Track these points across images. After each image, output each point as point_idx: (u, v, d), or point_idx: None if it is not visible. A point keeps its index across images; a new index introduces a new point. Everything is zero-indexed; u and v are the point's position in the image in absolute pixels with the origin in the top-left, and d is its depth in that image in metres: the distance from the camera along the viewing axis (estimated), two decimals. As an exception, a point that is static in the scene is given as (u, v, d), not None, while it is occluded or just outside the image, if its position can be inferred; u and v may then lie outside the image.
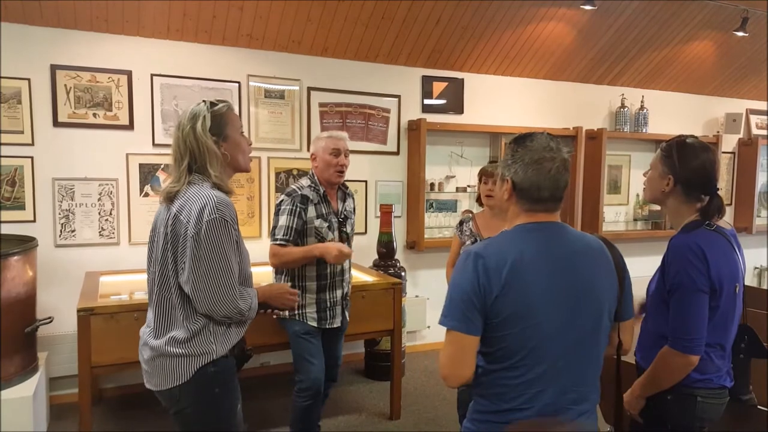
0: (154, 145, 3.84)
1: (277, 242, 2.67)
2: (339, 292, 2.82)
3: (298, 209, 2.69)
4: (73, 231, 3.66)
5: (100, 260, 3.71)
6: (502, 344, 1.38)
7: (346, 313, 2.92)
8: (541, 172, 1.40)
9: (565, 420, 1.40)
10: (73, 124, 3.63)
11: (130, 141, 3.78)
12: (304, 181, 2.80)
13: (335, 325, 2.83)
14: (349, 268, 2.93)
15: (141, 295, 3.16)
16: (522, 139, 1.46)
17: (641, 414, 1.86)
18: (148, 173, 3.84)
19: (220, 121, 1.78)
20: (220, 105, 1.81)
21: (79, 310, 2.66)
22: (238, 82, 4.04)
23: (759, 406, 1.96)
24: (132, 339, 2.70)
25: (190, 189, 1.74)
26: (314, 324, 2.76)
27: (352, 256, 2.83)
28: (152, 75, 3.81)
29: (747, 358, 1.90)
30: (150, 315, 1.84)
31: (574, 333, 1.40)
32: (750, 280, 6.35)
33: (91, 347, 2.66)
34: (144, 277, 3.61)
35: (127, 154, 3.78)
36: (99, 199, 3.72)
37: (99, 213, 3.73)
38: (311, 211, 2.72)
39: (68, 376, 3.50)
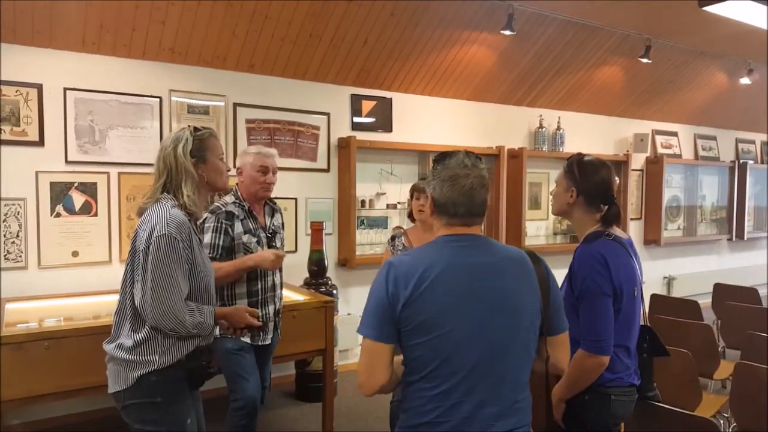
0: (66, 162, 3.62)
1: None
2: (271, 308, 2.75)
3: (223, 226, 2.61)
4: (-27, 255, 3.37)
5: (5, 286, 3.42)
6: (415, 354, 1.39)
7: (278, 331, 2.84)
8: (455, 189, 1.43)
9: None
10: (-26, 140, 3.37)
11: (41, 158, 3.55)
12: (228, 198, 2.72)
13: (266, 342, 2.75)
14: (281, 284, 2.86)
15: (51, 323, 2.96)
16: (442, 157, 1.50)
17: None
18: (60, 192, 3.61)
19: (201, 145, 1.93)
20: (204, 131, 1.97)
21: (-20, 341, 2.44)
22: (159, 97, 3.90)
23: (661, 404, 2.07)
24: (42, 370, 2.53)
25: (154, 206, 1.86)
26: (247, 340, 2.67)
27: (282, 266, 2.79)
28: (65, 89, 3.60)
29: (650, 357, 2.03)
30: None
31: (489, 344, 1.38)
32: (660, 288, 6.80)
33: (-5, 381, 2.44)
34: (55, 303, 3.41)
35: (37, 172, 3.54)
36: (4, 220, 3.45)
37: (5, 235, 3.45)
38: (238, 227, 2.64)
39: (-33, 415, 3.19)
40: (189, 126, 1.97)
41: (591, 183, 1.93)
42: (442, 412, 1.37)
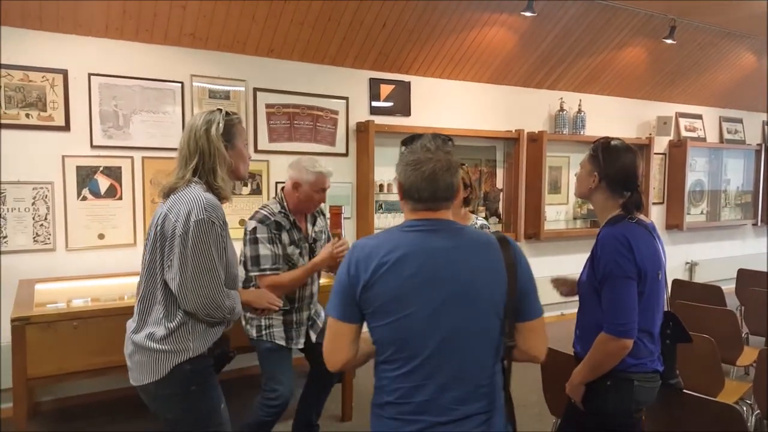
0: (92, 146, 3.70)
1: (267, 273, 2.61)
2: (305, 314, 2.84)
3: (275, 236, 2.66)
4: (5, 237, 3.47)
5: (34, 267, 3.53)
6: (378, 336, 1.43)
7: (311, 333, 2.87)
8: (417, 173, 1.42)
9: (447, 420, 1.37)
10: (3, 125, 3.45)
11: (67, 142, 3.63)
12: (275, 207, 2.73)
13: (299, 346, 2.82)
14: (318, 291, 2.92)
15: (79, 303, 3.05)
16: (409, 141, 1.49)
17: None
18: (86, 176, 3.69)
19: (231, 130, 1.91)
20: (233, 116, 1.94)
21: (13, 320, 2.53)
22: (181, 83, 3.94)
23: (685, 390, 2.07)
24: (70, 348, 2.63)
25: (183, 189, 1.83)
26: (282, 343, 2.75)
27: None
28: (90, 74, 3.67)
29: (673, 343, 2.02)
30: (136, 310, 1.91)
31: (449, 327, 1.37)
32: (682, 274, 6.72)
33: (26, 358, 2.54)
34: (82, 284, 3.52)
35: (64, 156, 3.62)
36: (33, 204, 3.55)
37: (33, 218, 3.55)
38: (284, 238, 2.70)
39: (1, 390, 3.32)
40: (220, 109, 1.94)
41: (614, 169, 1.91)
42: (403, 393, 1.39)
